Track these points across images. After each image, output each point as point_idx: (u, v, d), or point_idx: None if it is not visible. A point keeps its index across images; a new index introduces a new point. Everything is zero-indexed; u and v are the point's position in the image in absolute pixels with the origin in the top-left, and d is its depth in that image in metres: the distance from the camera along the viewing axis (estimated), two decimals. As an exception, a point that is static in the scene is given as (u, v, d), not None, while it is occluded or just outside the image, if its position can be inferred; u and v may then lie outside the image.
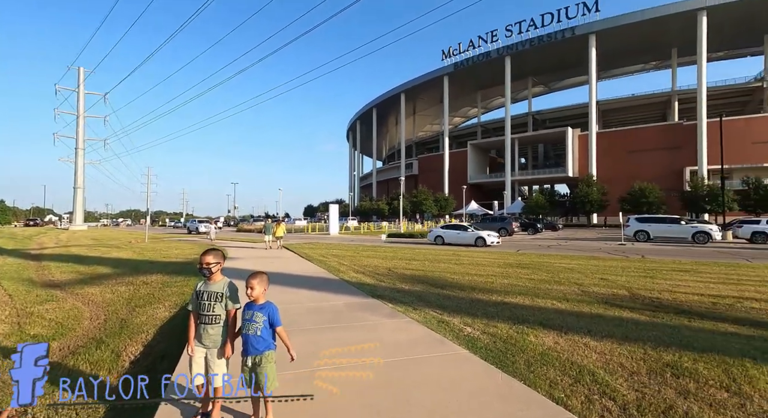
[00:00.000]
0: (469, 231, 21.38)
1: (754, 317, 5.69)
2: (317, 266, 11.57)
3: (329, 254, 15.37)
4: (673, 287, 8.04)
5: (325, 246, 19.47)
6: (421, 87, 77.44)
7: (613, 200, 45.77)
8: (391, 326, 5.08)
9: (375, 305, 6.40)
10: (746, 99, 59.86)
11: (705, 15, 48.13)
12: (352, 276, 9.63)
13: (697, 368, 3.65)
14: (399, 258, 13.86)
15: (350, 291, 7.72)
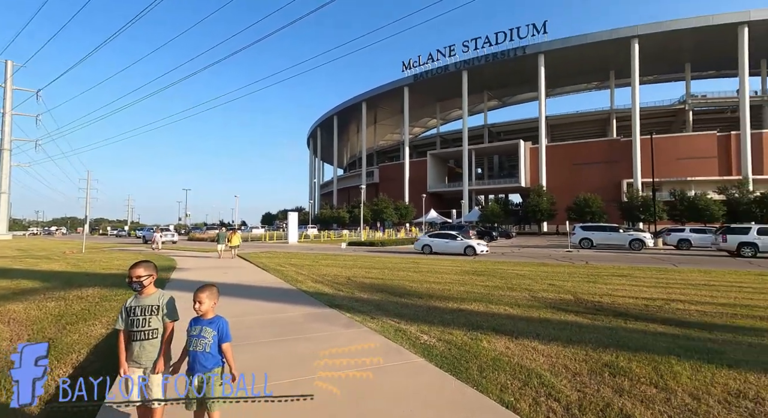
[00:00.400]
0: (458, 240, 20.77)
1: (679, 317, 6.26)
2: (274, 276, 11.22)
3: (287, 263, 14.98)
4: (612, 291, 8.66)
5: (283, 255, 18.96)
6: (382, 96, 78.51)
7: (561, 209, 48.75)
8: (348, 337, 5.03)
9: (332, 316, 6.31)
10: (672, 119, 66.60)
11: (637, 42, 53.25)
12: (311, 286, 9.43)
13: (631, 366, 3.93)
14: (359, 267, 13.79)
15: (308, 301, 7.56)
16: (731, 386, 3.42)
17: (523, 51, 59.45)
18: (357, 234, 44.98)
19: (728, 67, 56.54)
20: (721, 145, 52.51)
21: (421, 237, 23.13)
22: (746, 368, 3.84)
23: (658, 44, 53.85)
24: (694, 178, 51.00)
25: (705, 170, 51.88)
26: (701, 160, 52.45)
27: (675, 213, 42.77)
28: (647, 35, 52.80)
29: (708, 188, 46.55)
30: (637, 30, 53.49)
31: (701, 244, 22.54)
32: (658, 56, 56.51)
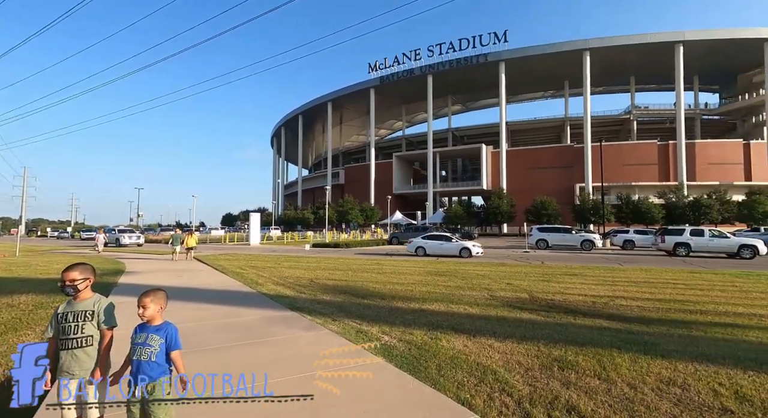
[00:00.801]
0: (453, 241, 20.06)
1: (622, 312, 6.73)
2: (233, 279, 10.83)
3: (248, 265, 14.52)
4: (564, 290, 9.14)
5: (243, 257, 18.35)
6: (348, 97, 78.24)
7: (520, 211, 50.88)
8: (308, 339, 4.95)
9: (293, 318, 6.19)
10: (619, 128, 71.57)
11: (588, 55, 56.79)
12: (271, 288, 9.20)
13: (578, 360, 4.17)
14: (322, 268, 13.63)
15: (267, 304, 7.36)
16: (663, 375, 3.73)
17: (485, 58, 61.54)
18: (322, 235, 44.46)
19: (667, 81, 61.59)
20: (660, 154, 57.09)
21: (415, 239, 21.71)
22: (676, 357, 4.20)
23: (606, 58, 57.72)
24: (637, 183, 55.05)
25: (647, 176, 56.17)
26: (644, 167, 56.76)
27: (621, 215, 45.94)
28: (597, 49, 56.51)
29: (650, 193, 50.45)
30: (588, 43, 57.09)
31: (643, 244, 24.38)
32: (607, 69, 60.53)
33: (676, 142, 55.10)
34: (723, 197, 44.40)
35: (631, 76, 65.79)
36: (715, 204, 43.28)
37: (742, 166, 55.43)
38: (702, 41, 53.48)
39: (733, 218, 43.92)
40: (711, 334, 5.25)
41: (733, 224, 43.82)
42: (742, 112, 63.34)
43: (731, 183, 51.84)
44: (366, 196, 69.96)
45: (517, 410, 3.13)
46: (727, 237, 19.40)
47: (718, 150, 56.60)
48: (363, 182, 73.74)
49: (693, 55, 54.72)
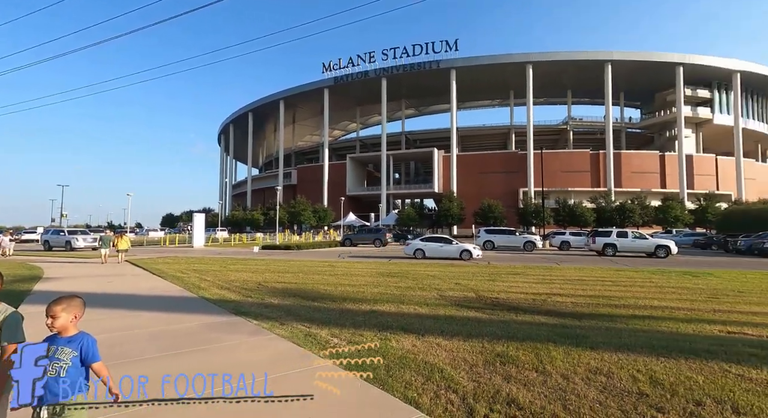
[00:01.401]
0: (453, 244, 19.54)
1: (558, 308, 7.22)
2: (172, 284, 10.11)
3: (189, 269, 13.64)
4: (508, 288, 9.63)
5: (185, 260, 17.21)
6: (301, 96, 76.67)
7: (469, 214, 52.94)
8: (252, 345, 4.74)
9: (237, 323, 5.90)
10: (557, 137, 77.18)
11: (531, 68, 60.71)
12: (215, 293, 8.71)
13: (518, 355, 4.40)
14: (271, 271, 13.18)
15: (210, 310, 6.96)
16: (592, 365, 4.05)
17: (438, 65, 63.44)
18: (272, 237, 43.04)
19: (598, 96, 67.47)
20: (592, 162, 62.41)
21: (413, 242, 20.72)
22: (603, 348, 4.58)
23: (546, 71, 62.07)
24: (573, 188, 59.67)
25: (581, 182, 61.09)
26: (578, 174, 61.70)
27: (559, 218, 49.55)
28: (538, 62, 60.63)
29: (583, 197, 54.93)
30: (530, 57, 61.07)
31: (578, 245, 26.47)
32: (547, 81, 65.06)
33: (606, 151, 60.57)
34: (643, 203, 49.55)
35: (568, 90, 71.37)
36: (637, 209, 48.18)
37: (658, 175, 62.21)
38: (626, 61, 59.39)
39: (652, 221, 49.11)
40: (632, 326, 5.81)
41: (651, 226, 48.99)
42: (658, 126, 71.12)
43: (650, 190, 57.97)
44: (319, 197, 68.90)
45: (462, 406, 3.22)
46: (646, 238, 21.67)
47: (639, 160, 63.08)
48: (316, 183, 72.55)
49: (619, 74, 60.54)
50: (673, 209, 48.04)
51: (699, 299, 8.19)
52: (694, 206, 50.95)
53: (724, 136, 64.21)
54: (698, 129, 66.18)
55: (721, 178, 61.96)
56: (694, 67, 59.24)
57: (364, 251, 25.56)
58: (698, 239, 31.45)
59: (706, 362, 4.06)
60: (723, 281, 11.20)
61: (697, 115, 63.18)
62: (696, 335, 5.23)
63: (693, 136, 65.76)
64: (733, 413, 3.02)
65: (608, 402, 3.23)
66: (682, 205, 50.32)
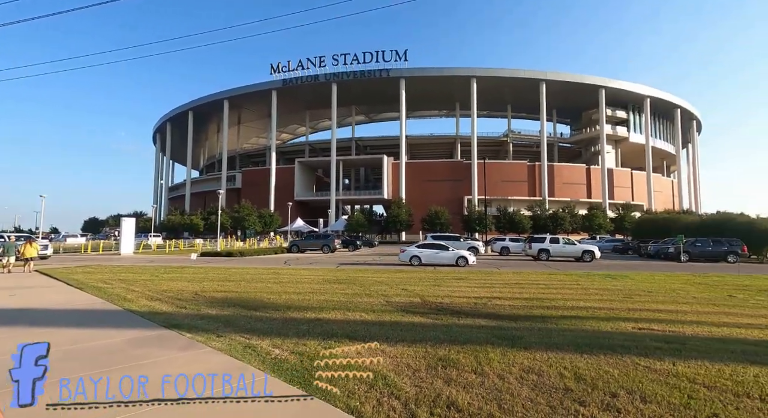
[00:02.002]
0: (450, 251, 19.32)
1: (497, 311, 7.60)
2: (92, 296, 9.11)
3: (115, 278, 12.40)
4: (451, 293, 9.96)
5: (110, 269, 15.63)
6: (248, 97, 73.80)
7: (417, 220, 54.18)
8: (184, 360, 4.40)
9: (168, 337, 5.45)
10: (499, 148, 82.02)
11: (475, 82, 64.14)
12: (144, 305, 7.99)
13: (459, 358, 4.55)
14: (210, 279, 12.40)
15: (137, 324, 6.36)
16: (525, 365, 4.30)
17: (388, 73, 64.64)
18: (213, 244, 40.62)
19: (534, 112, 72.95)
20: (529, 173, 67.14)
21: (409, 248, 20.30)
22: (535, 348, 4.89)
23: (489, 86, 65.94)
24: (512, 197, 63.61)
25: (519, 191, 65.38)
26: (517, 183, 66.00)
27: (500, 225, 52.51)
28: (482, 77, 64.28)
29: (521, 206, 58.79)
30: (474, 72, 64.56)
31: (516, 250, 28.19)
32: (490, 95, 69.08)
33: (541, 163, 65.50)
34: (573, 211, 54.22)
35: (509, 104, 76.38)
36: (567, 217, 52.60)
37: (585, 186, 68.51)
38: (558, 82, 65.04)
39: (580, 228, 53.86)
40: (561, 326, 6.28)
41: (579, 233, 53.71)
42: (585, 142, 78.48)
43: (578, 200, 63.62)
44: (265, 202, 66.43)
45: (404, 412, 3.25)
46: (575, 244, 23.69)
47: (569, 172, 69.04)
48: (262, 187, 69.93)
49: (553, 92, 66.08)
50: (597, 217, 53.12)
51: (616, 299, 9.09)
52: (614, 215, 56.74)
53: (638, 153, 72.50)
54: (617, 146, 74.02)
55: (635, 190, 69.78)
56: (614, 90, 66.42)
57: (312, 258, 25.04)
58: (617, 244, 35.03)
59: (621, 357, 4.50)
60: (636, 282, 12.55)
61: (616, 133, 70.72)
62: (613, 333, 5.78)
63: (613, 152, 73.40)
64: (642, 402, 3.37)
65: (538, 399, 3.45)
66: (605, 214, 55.81)
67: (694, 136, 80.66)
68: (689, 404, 3.33)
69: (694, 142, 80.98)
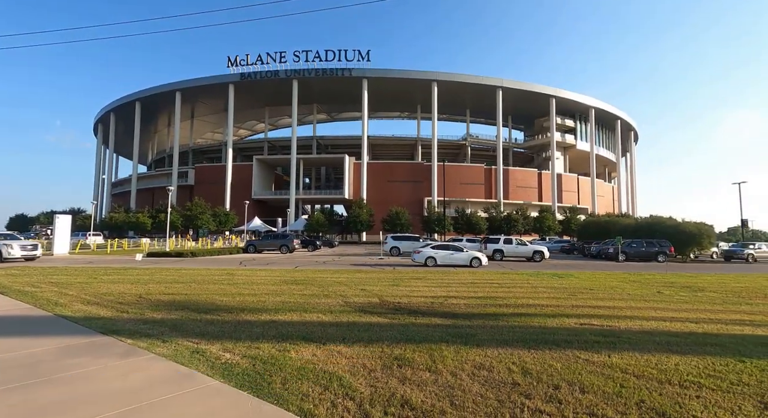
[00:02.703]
0: (464, 252, 19.75)
1: (453, 310, 7.81)
2: (15, 301, 8.24)
3: (45, 281, 11.29)
4: (410, 293, 10.09)
5: (40, 271, 14.21)
6: (202, 90, 70.25)
7: (378, 221, 54.35)
8: (122, 370, 4.08)
9: (105, 345, 5.05)
10: (458, 151, 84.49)
11: (436, 86, 65.60)
12: (78, 309, 7.34)
13: (414, 357, 4.62)
14: (157, 281, 11.65)
15: (69, 330, 5.83)
16: (476, 361, 4.45)
17: (350, 72, 64.32)
18: (162, 243, 38.21)
19: (491, 117, 75.91)
20: (486, 176, 69.74)
21: (424, 250, 20.21)
22: (487, 345, 5.09)
23: (450, 90, 67.71)
24: (470, 199, 65.73)
25: (476, 193, 67.71)
26: (474, 186, 68.30)
27: (458, 226, 54.01)
28: (442, 81, 65.84)
29: (478, 208, 60.93)
30: (435, 75, 66.01)
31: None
32: (450, 99, 70.93)
33: (497, 167, 68.28)
34: (525, 213, 57.02)
35: (467, 109, 78.88)
36: (520, 219, 55.22)
37: (536, 189, 72.36)
38: (514, 89, 68.13)
39: (531, 230, 56.74)
40: (511, 323, 6.58)
41: (531, 234, 56.59)
42: (537, 148, 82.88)
43: (530, 202, 67.05)
44: (220, 200, 63.59)
45: (358, 413, 3.24)
46: (526, 245, 24.92)
47: (522, 176, 72.57)
48: (217, 185, 66.86)
49: (509, 99, 69.13)
50: (547, 219, 56.27)
51: (562, 296, 9.68)
52: (562, 217, 60.40)
53: (583, 160, 77.74)
54: (566, 152, 78.91)
55: (581, 195, 74.75)
56: (563, 100, 70.73)
57: (270, 258, 24.32)
58: (564, 245, 37.35)
59: (564, 351, 4.80)
60: (580, 280, 13.44)
61: (565, 140, 75.36)
62: (558, 328, 6.15)
63: (562, 158, 78.15)
64: (581, 392, 3.61)
65: (488, 394, 3.58)
66: (554, 216, 59.23)
67: (632, 146, 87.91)
68: (621, 393, 3.61)
69: (632, 151, 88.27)
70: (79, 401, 3.31)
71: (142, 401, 3.27)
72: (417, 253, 20.06)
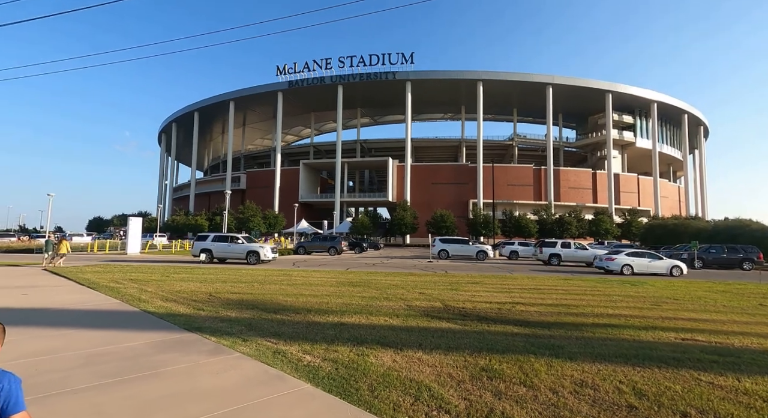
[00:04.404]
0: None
1: (525, 318, 7.34)
2: (106, 296, 8.92)
3: (126, 278, 12.21)
4: (471, 298, 9.70)
5: (119, 269, 15.45)
6: (253, 98, 73.91)
7: (422, 223, 53.90)
8: (215, 367, 4.17)
9: (192, 341, 5.23)
10: (504, 152, 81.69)
11: (482, 85, 63.94)
12: (160, 306, 7.79)
13: (502, 368, 4.30)
14: (222, 281, 12.20)
15: (156, 325, 6.15)
16: (576, 377, 4.04)
17: (394, 76, 64.53)
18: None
19: (540, 116, 72.65)
20: (535, 176, 66.73)
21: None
22: (580, 359, 4.63)
23: (495, 89, 65.69)
24: (517, 201, 63.22)
25: (525, 195, 64.98)
26: (522, 187, 65.59)
27: (506, 229, 52.14)
28: (488, 81, 64.04)
29: (527, 210, 58.39)
30: (480, 75, 64.37)
31: (525, 255, 27.89)
32: (495, 99, 68.76)
33: (546, 168, 65.12)
34: (579, 216, 53.78)
35: (514, 108, 76.07)
36: (574, 221, 52.16)
37: (591, 191, 68.03)
38: (565, 86, 64.70)
39: (586, 233, 53.38)
40: (598, 334, 6.01)
41: (586, 238, 53.22)
42: (590, 146, 78.03)
43: (584, 204, 63.14)
44: (269, 203, 66.36)
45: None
46: (586, 249, 23.36)
47: (575, 176, 68.58)
48: (267, 188, 69.89)
49: (558, 97, 65.77)
50: (604, 222, 52.66)
51: (644, 306, 8.81)
52: (620, 220, 56.25)
53: (644, 158, 71.98)
54: (623, 151, 73.53)
55: (641, 196, 69.21)
56: (621, 95, 66.02)
57: (319, 260, 24.81)
58: (626, 249, 34.59)
59: (677, 370, 4.24)
60: (657, 289, 12.25)
61: (622, 138, 70.25)
62: (657, 343, 5.51)
63: (619, 157, 72.89)
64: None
65: (601, 417, 3.20)
66: (611, 219, 55.35)
67: (701, 142, 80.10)
68: (768, 425, 3.08)
69: (701, 148, 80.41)
70: (185, 397, 3.39)
71: (243, 401, 3.27)
72: (608, 260, 18.04)
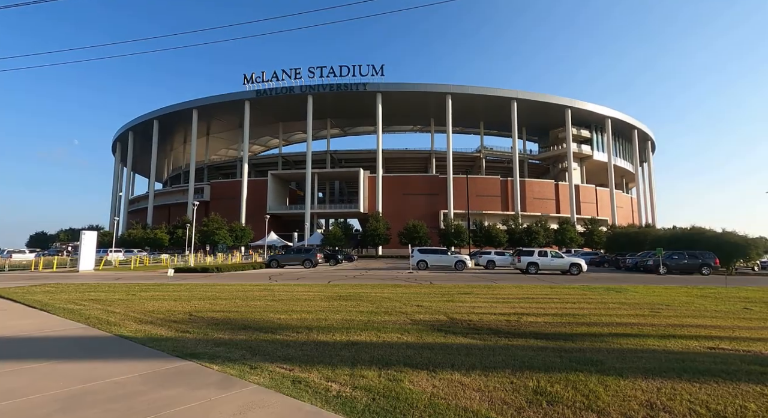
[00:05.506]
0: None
1: (539, 330, 7.05)
2: (65, 319, 7.74)
3: (85, 299, 10.81)
4: (472, 309, 9.34)
5: (74, 288, 13.80)
6: (218, 107, 71.48)
7: (394, 234, 53.66)
8: (232, 406, 3.46)
9: (191, 371, 4.45)
10: (472, 164, 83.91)
11: (450, 98, 65.63)
12: (136, 329, 6.79)
13: (556, 390, 3.90)
14: (199, 298, 11.10)
15: (139, 353, 5.26)
16: (640, 398, 3.69)
17: (364, 87, 64.85)
18: (181, 259, 38.00)
19: (506, 129, 75.52)
20: (502, 187, 68.88)
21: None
22: (631, 376, 4.29)
23: (463, 103, 67.70)
24: (487, 211, 64.78)
25: (493, 206, 66.77)
26: (491, 198, 67.43)
27: (477, 239, 53.00)
28: (456, 94, 65.93)
29: (496, 220, 59.87)
30: (449, 88, 66.21)
31: (502, 264, 28.23)
32: (463, 112, 70.83)
33: (513, 179, 67.42)
34: (545, 226, 55.80)
35: (481, 121, 78.66)
36: (541, 231, 54.01)
37: (554, 201, 71.12)
38: (528, 101, 67.87)
39: (552, 242, 55.40)
40: (625, 345, 5.79)
41: (552, 247, 55.19)
42: (552, 159, 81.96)
43: (548, 214, 65.78)
44: (235, 215, 63.70)
45: (550, 468, 2.56)
46: (562, 257, 23.97)
47: (539, 188, 71.51)
48: (233, 200, 67.21)
49: (523, 111, 68.80)
50: (569, 231, 54.98)
51: (645, 313, 8.85)
52: (583, 229, 58.97)
53: (601, 170, 76.50)
54: (582, 163, 77.80)
55: (599, 206, 73.24)
56: (579, 110, 70.14)
57: (295, 273, 23.71)
58: (593, 258, 36.09)
59: (736, 384, 4.01)
60: (642, 295, 12.54)
61: (581, 151, 74.39)
62: (689, 352, 5.36)
63: (579, 169, 77.00)
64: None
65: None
66: (575, 228, 57.90)
67: (649, 156, 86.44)
68: None
69: (650, 161, 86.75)
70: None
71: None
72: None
